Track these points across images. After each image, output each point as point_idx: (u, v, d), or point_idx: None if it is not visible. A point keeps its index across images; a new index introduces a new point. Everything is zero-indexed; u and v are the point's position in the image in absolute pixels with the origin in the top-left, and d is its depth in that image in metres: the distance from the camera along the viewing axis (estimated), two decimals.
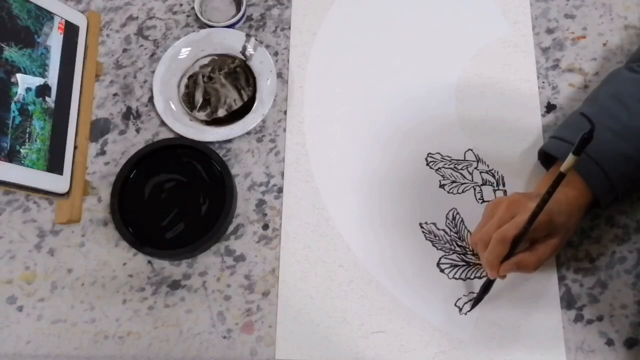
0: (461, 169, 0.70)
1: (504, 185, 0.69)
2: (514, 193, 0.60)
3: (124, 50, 0.78)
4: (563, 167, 0.49)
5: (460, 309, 0.65)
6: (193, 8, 0.78)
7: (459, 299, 0.65)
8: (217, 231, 0.66)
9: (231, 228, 0.70)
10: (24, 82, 0.66)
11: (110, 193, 0.69)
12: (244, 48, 0.75)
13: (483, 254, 0.58)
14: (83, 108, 0.74)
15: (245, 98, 0.74)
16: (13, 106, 0.65)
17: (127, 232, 0.67)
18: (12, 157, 0.64)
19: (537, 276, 0.65)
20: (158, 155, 0.70)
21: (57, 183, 0.68)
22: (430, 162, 0.71)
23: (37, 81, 0.68)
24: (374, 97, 0.74)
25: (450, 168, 0.70)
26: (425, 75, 0.74)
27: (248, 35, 0.75)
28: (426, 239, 0.68)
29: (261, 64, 0.74)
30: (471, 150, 0.71)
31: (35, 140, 0.67)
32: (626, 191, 0.60)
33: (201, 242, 0.66)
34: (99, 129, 0.75)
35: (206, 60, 0.76)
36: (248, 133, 0.73)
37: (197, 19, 0.78)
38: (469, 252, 0.67)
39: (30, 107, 0.67)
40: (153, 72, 0.76)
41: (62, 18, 0.72)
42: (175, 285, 0.68)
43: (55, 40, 0.71)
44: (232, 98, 0.74)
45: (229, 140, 0.73)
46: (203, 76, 0.75)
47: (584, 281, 0.65)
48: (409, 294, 0.66)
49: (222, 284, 0.68)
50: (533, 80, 0.73)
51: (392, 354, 0.64)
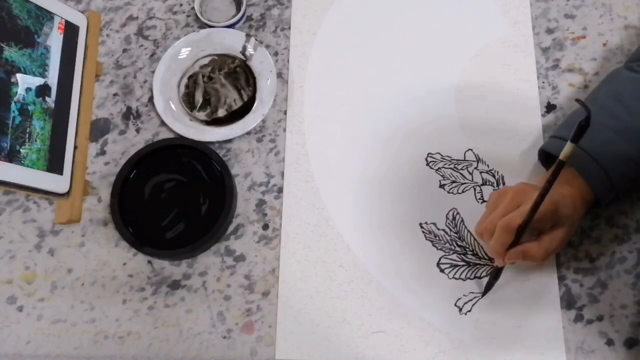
0: (461, 169, 0.70)
1: (504, 185, 0.69)
2: (519, 183, 0.61)
3: (124, 50, 0.78)
4: (562, 155, 0.49)
5: (460, 309, 0.65)
6: (193, 8, 0.78)
7: (459, 299, 0.65)
8: (217, 231, 0.66)
9: (231, 228, 0.70)
10: (24, 82, 0.66)
11: (110, 193, 0.69)
12: (244, 48, 0.75)
13: (489, 243, 0.59)
14: (83, 108, 0.74)
15: (245, 98, 0.74)
16: (13, 106, 0.65)
17: (127, 232, 0.67)
18: (12, 157, 0.64)
19: (537, 276, 0.65)
20: (158, 155, 0.70)
21: (57, 183, 0.68)
22: (430, 162, 0.71)
23: (37, 81, 0.68)
24: (374, 97, 0.74)
25: (450, 168, 0.70)
26: (425, 75, 0.74)
27: (248, 35, 0.75)
28: (426, 239, 0.68)
29: (261, 64, 0.74)
30: (471, 150, 0.71)
31: (35, 140, 0.67)
32: (626, 191, 0.60)
33: (201, 242, 0.66)
34: (99, 129, 0.75)
35: (206, 60, 0.76)
36: (248, 133, 0.73)
37: (197, 19, 0.78)
38: (469, 252, 0.67)
39: (30, 107, 0.67)
40: (153, 72, 0.76)
41: (62, 18, 0.72)
42: (175, 285, 0.68)
43: (55, 40, 0.71)
44: (232, 98, 0.74)
45: (229, 140, 0.73)
46: (203, 76, 0.75)
47: (584, 281, 0.65)
48: (409, 294, 0.66)
49: (222, 284, 0.68)
50: (533, 80, 0.73)
51: (392, 354, 0.64)
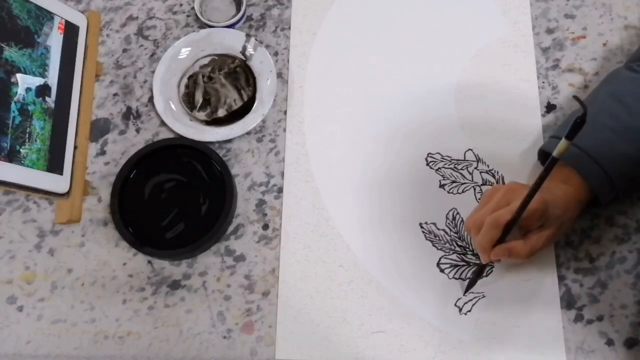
0: (461, 169, 0.70)
1: (504, 184, 0.69)
2: (511, 181, 0.61)
3: (124, 50, 0.78)
4: (555, 152, 0.48)
5: (460, 309, 0.65)
6: (193, 8, 0.78)
7: (459, 299, 0.65)
8: (217, 231, 0.66)
9: (231, 228, 0.70)
10: (24, 82, 0.66)
11: (110, 193, 0.69)
12: (244, 48, 0.75)
13: (476, 238, 0.59)
14: (83, 108, 0.74)
15: (245, 98, 0.74)
16: (13, 106, 0.65)
17: (127, 232, 0.67)
18: (12, 157, 0.64)
19: (537, 276, 0.65)
20: (158, 155, 0.70)
21: (57, 183, 0.68)
22: (430, 162, 0.71)
23: (37, 81, 0.68)
24: (374, 97, 0.74)
25: (450, 168, 0.70)
26: (425, 75, 0.74)
27: (248, 35, 0.75)
28: (426, 239, 0.68)
29: (261, 64, 0.74)
30: (471, 150, 0.71)
31: (35, 140, 0.67)
32: (626, 190, 0.60)
33: (201, 242, 0.66)
34: (99, 129, 0.75)
35: (206, 60, 0.76)
36: (248, 133, 0.73)
37: (197, 19, 0.78)
38: (469, 252, 0.67)
39: (30, 107, 0.67)
40: (153, 72, 0.76)
41: (62, 18, 0.72)
42: (175, 285, 0.68)
43: (55, 40, 0.71)
44: (232, 98, 0.74)
45: (229, 140, 0.73)
46: (203, 76, 0.75)
47: (584, 281, 0.65)
48: (409, 294, 0.66)
49: (222, 284, 0.68)
50: (533, 80, 0.73)
51: (392, 354, 0.64)
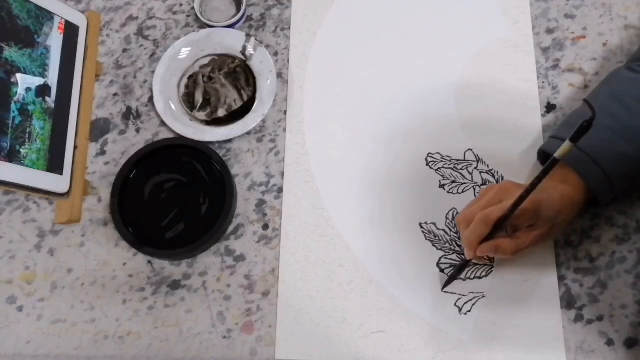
0: (461, 169, 0.70)
1: None
2: (506, 180, 0.61)
3: (124, 50, 0.78)
4: (557, 154, 0.48)
5: (460, 309, 0.65)
6: (193, 8, 0.78)
7: (459, 299, 0.65)
8: (217, 231, 0.66)
9: (231, 228, 0.70)
10: (24, 82, 0.66)
11: (110, 193, 0.69)
12: (244, 48, 0.75)
13: (464, 233, 0.59)
14: (83, 108, 0.74)
15: (245, 98, 0.74)
16: (13, 106, 0.65)
17: (127, 232, 0.67)
18: (12, 157, 0.64)
19: (537, 276, 0.65)
20: (158, 155, 0.70)
21: (57, 183, 0.68)
22: (430, 162, 0.71)
23: (37, 81, 0.68)
24: (374, 97, 0.74)
25: (450, 168, 0.70)
26: (425, 75, 0.74)
27: (248, 35, 0.75)
28: (426, 239, 0.68)
29: (261, 64, 0.74)
30: (471, 150, 0.71)
31: (35, 140, 0.67)
32: (626, 191, 0.60)
33: (201, 242, 0.66)
34: (99, 129, 0.75)
35: (206, 60, 0.76)
36: (248, 133, 0.73)
37: (197, 19, 0.78)
38: None
39: (30, 107, 0.67)
40: (153, 72, 0.76)
41: (62, 18, 0.72)
42: (175, 285, 0.68)
43: (55, 40, 0.71)
44: (232, 98, 0.74)
45: (229, 140, 0.73)
46: (203, 76, 0.75)
47: (584, 281, 0.65)
48: (409, 294, 0.66)
49: (222, 284, 0.68)
50: (533, 80, 0.73)
51: (392, 354, 0.64)
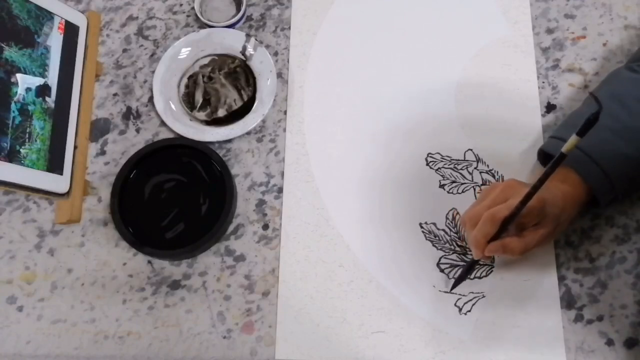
0: (461, 169, 0.70)
1: None
2: (510, 179, 0.61)
3: (124, 50, 0.78)
4: (564, 148, 0.48)
5: (460, 309, 0.65)
6: (193, 8, 0.78)
7: (459, 299, 0.65)
8: (217, 231, 0.66)
9: (231, 228, 0.70)
10: (24, 82, 0.66)
11: (110, 193, 0.69)
12: (244, 48, 0.75)
13: (471, 232, 0.59)
14: (83, 108, 0.74)
15: (245, 98, 0.74)
16: (13, 106, 0.65)
17: (127, 232, 0.67)
18: (12, 157, 0.64)
19: (537, 276, 0.65)
20: (158, 155, 0.70)
21: (57, 183, 0.68)
22: (430, 162, 0.71)
23: (37, 81, 0.68)
24: (374, 97, 0.74)
25: (450, 168, 0.70)
26: (425, 75, 0.74)
27: (248, 35, 0.75)
28: (426, 239, 0.68)
29: (261, 64, 0.74)
30: (471, 150, 0.71)
31: (35, 140, 0.67)
32: (626, 191, 0.60)
33: (201, 242, 0.66)
34: (99, 129, 0.75)
35: (206, 60, 0.76)
36: (248, 133, 0.73)
37: (197, 19, 0.78)
38: (469, 252, 0.66)
39: (30, 107, 0.67)
40: (153, 72, 0.76)
41: (62, 18, 0.72)
42: (175, 285, 0.68)
43: (55, 40, 0.71)
44: (232, 98, 0.74)
45: (229, 140, 0.73)
46: (203, 76, 0.75)
47: (584, 281, 0.65)
48: (409, 294, 0.66)
49: (222, 284, 0.68)
50: (533, 80, 0.73)
51: (392, 354, 0.64)
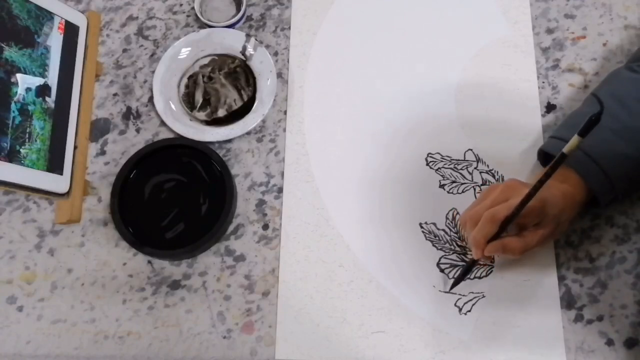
0: (461, 169, 0.70)
1: None
2: (510, 179, 0.61)
3: (124, 50, 0.78)
4: (566, 148, 0.48)
5: (460, 309, 0.65)
6: (193, 8, 0.78)
7: (459, 299, 0.65)
8: (217, 231, 0.66)
9: (231, 228, 0.70)
10: (24, 82, 0.66)
11: (110, 193, 0.69)
12: (244, 48, 0.75)
13: (471, 232, 0.59)
14: (83, 108, 0.74)
15: (245, 98, 0.74)
16: (13, 106, 0.65)
17: (127, 232, 0.67)
18: (12, 157, 0.64)
19: (537, 276, 0.65)
20: (158, 155, 0.70)
21: (57, 183, 0.68)
22: (430, 162, 0.71)
23: (37, 81, 0.68)
24: (374, 97, 0.74)
25: (450, 168, 0.70)
26: (425, 75, 0.74)
27: (248, 35, 0.75)
28: (426, 239, 0.68)
29: (261, 64, 0.74)
30: (471, 150, 0.71)
31: (35, 140, 0.67)
32: (626, 191, 0.60)
33: (201, 242, 0.66)
34: (99, 129, 0.75)
35: (206, 60, 0.76)
36: (248, 133, 0.73)
37: (197, 19, 0.78)
38: (469, 252, 0.66)
39: (30, 107, 0.67)
40: (153, 72, 0.76)
41: (62, 18, 0.72)
42: (175, 285, 0.68)
43: (55, 40, 0.71)
44: (232, 98, 0.74)
45: (229, 140, 0.73)
46: (203, 76, 0.75)
47: (584, 281, 0.65)
48: (409, 294, 0.66)
49: (222, 284, 0.68)
50: (533, 80, 0.73)
51: (392, 354, 0.64)
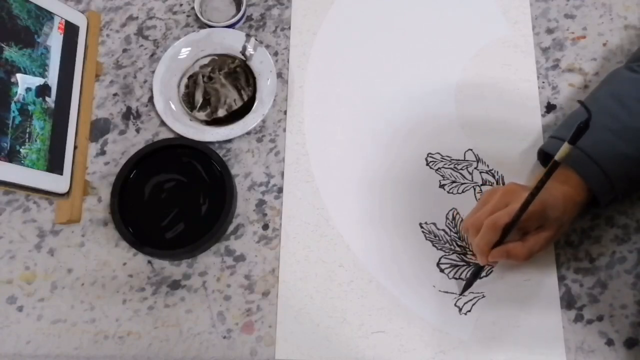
0: (461, 169, 0.70)
1: (503, 185, 0.69)
2: (510, 183, 0.61)
3: (124, 50, 0.78)
4: (558, 156, 0.48)
5: (460, 309, 0.65)
6: (193, 8, 0.78)
7: (459, 299, 0.65)
8: (217, 231, 0.66)
9: (231, 228, 0.70)
10: (24, 82, 0.66)
11: (110, 193, 0.69)
12: (244, 48, 0.75)
13: (474, 240, 0.59)
14: (83, 108, 0.74)
15: (245, 98, 0.74)
16: (13, 106, 0.65)
17: (127, 232, 0.67)
18: (12, 157, 0.64)
19: (537, 276, 0.65)
20: (158, 155, 0.70)
21: (57, 183, 0.68)
22: (430, 162, 0.71)
23: (37, 81, 0.68)
24: (374, 97, 0.74)
25: (450, 168, 0.70)
26: (425, 75, 0.74)
27: (248, 35, 0.75)
28: (426, 239, 0.68)
29: (261, 64, 0.74)
30: (471, 150, 0.71)
31: (35, 140, 0.67)
32: (626, 191, 0.60)
33: (201, 242, 0.66)
34: (99, 129, 0.75)
35: (206, 60, 0.76)
36: (248, 133, 0.73)
37: (197, 19, 0.78)
38: (468, 252, 0.66)
39: (30, 107, 0.67)
40: (153, 72, 0.76)
41: (62, 18, 0.72)
42: (175, 285, 0.68)
43: (55, 40, 0.71)
44: (232, 98, 0.74)
45: (229, 140, 0.73)
46: (203, 76, 0.75)
47: (584, 281, 0.65)
48: (409, 294, 0.66)
49: (222, 284, 0.68)
50: (533, 80, 0.73)
51: (392, 354, 0.64)
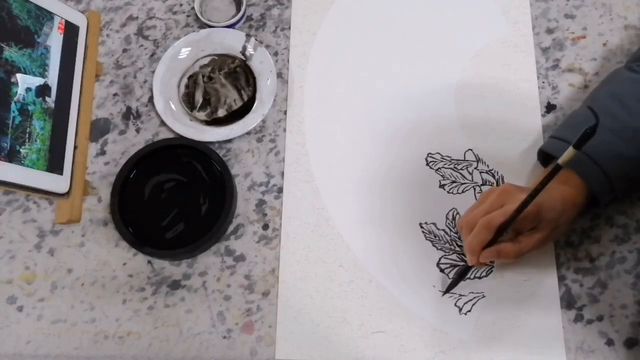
0: (461, 169, 0.70)
1: None
2: (506, 183, 0.61)
3: (124, 50, 0.78)
4: (561, 160, 0.48)
5: (460, 309, 0.65)
6: (193, 8, 0.78)
7: (459, 299, 0.65)
8: (217, 231, 0.66)
9: (231, 228, 0.70)
10: (24, 82, 0.66)
11: (110, 193, 0.69)
12: (244, 48, 0.75)
13: (466, 238, 0.59)
14: (83, 108, 0.74)
15: (245, 98, 0.74)
16: (13, 106, 0.65)
17: (127, 232, 0.67)
18: (12, 157, 0.64)
19: (537, 276, 0.65)
20: (158, 155, 0.70)
21: (57, 183, 0.68)
22: (430, 162, 0.71)
23: (37, 81, 0.68)
24: (374, 97, 0.74)
25: (450, 168, 0.70)
26: (425, 75, 0.74)
27: (248, 35, 0.75)
28: (426, 239, 0.68)
29: (261, 64, 0.74)
30: (471, 150, 0.71)
31: (35, 140, 0.67)
32: (626, 191, 0.60)
33: (201, 242, 0.66)
34: (99, 129, 0.75)
35: (206, 60, 0.76)
36: (248, 133, 0.73)
37: (197, 19, 0.78)
38: None
39: (30, 107, 0.67)
40: (153, 72, 0.76)
41: (62, 18, 0.72)
42: (175, 285, 0.68)
43: (55, 40, 0.71)
44: (232, 98, 0.74)
45: (229, 140, 0.73)
46: (203, 76, 0.75)
47: (584, 281, 0.65)
48: (409, 294, 0.66)
49: (222, 284, 0.68)
50: (533, 80, 0.73)
51: (392, 354, 0.64)
